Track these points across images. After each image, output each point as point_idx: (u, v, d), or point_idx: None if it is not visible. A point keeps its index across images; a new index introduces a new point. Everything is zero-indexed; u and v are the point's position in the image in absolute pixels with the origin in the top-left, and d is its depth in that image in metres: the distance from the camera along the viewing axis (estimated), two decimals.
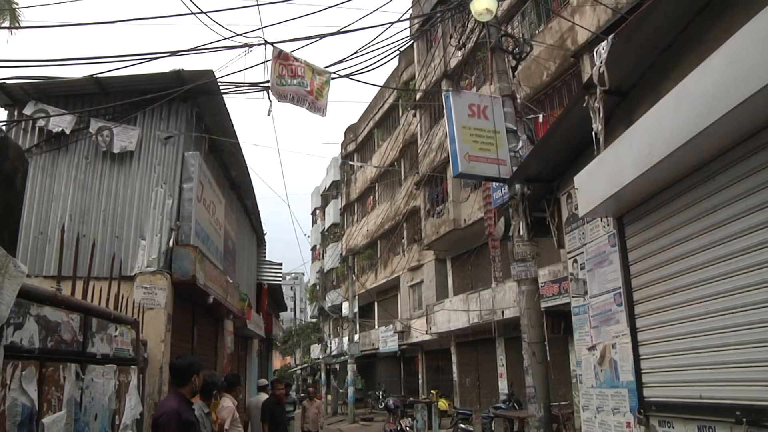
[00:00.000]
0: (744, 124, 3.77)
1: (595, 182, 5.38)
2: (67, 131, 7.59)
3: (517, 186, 7.94)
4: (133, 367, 4.66)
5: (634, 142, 4.63)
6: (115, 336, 4.23)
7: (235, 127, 9.30)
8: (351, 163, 36.89)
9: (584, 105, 5.72)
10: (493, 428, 13.12)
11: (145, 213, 7.47)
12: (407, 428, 13.84)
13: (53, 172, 7.57)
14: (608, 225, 6.07)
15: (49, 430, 3.07)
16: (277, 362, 52.23)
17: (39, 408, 3.01)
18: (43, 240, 7.30)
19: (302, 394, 46.84)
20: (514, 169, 8.13)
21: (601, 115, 5.66)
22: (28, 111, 7.58)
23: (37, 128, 7.64)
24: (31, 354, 2.99)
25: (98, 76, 7.47)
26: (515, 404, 14.86)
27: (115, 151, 7.61)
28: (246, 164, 10.88)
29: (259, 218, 14.63)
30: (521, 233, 7.98)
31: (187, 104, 8.11)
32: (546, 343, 7.79)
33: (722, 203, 4.30)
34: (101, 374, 3.90)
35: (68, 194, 7.51)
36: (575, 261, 6.91)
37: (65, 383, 3.33)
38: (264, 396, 10.73)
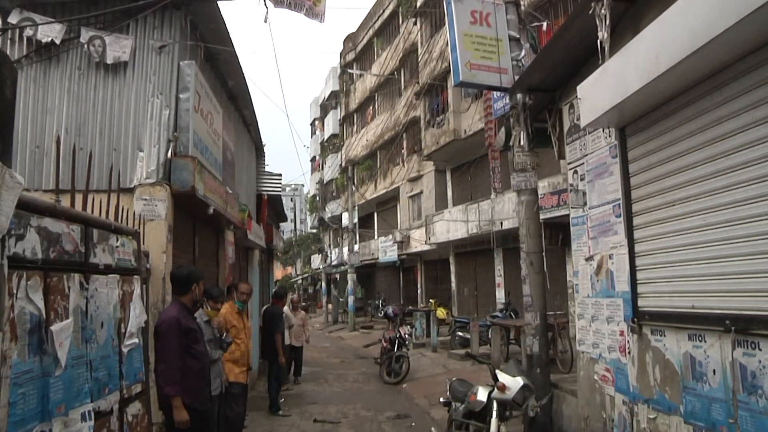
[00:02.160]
0: (756, 34, 3.65)
1: (599, 92, 5.29)
2: (57, 41, 7.38)
3: (519, 95, 7.82)
4: (135, 277, 4.73)
5: (641, 51, 4.51)
6: (117, 247, 4.27)
7: (231, 36, 9.05)
8: (351, 71, 36.21)
9: (590, 12, 5.55)
10: (489, 336, 13.50)
11: (141, 124, 7.37)
12: (406, 336, 14.22)
13: (45, 84, 7.42)
14: (610, 136, 6.02)
15: (58, 337, 3.14)
16: (279, 272, 53.22)
17: (47, 317, 3.08)
18: (39, 154, 7.24)
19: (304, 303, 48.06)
20: (516, 78, 7.98)
21: (607, 23, 5.50)
22: (13, 19, 7.33)
23: (25, 38, 7.42)
24: (35, 264, 3.02)
25: None
26: (512, 313, 15.23)
27: (109, 61, 7.43)
28: (243, 74, 10.66)
29: (258, 129, 14.49)
30: (522, 143, 7.93)
31: (181, 12, 7.85)
32: (543, 253, 7.89)
33: (727, 115, 4.23)
34: (105, 284, 3.96)
35: (62, 107, 7.38)
36: (575, 172, 6.90)
37: (70, 293, 3.39)
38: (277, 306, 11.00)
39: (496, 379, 5.90)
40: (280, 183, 16.37)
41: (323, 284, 42.52)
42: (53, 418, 3.09)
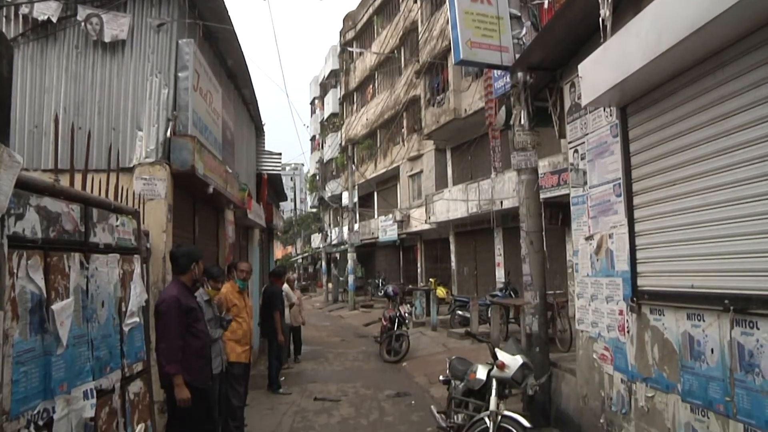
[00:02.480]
0: (759, 12, 3.62)
1: (600, 70, 5.26)
2: (54, 19, 7.31)
3: (520, 74, 7.78)
4: (136, 256, 4.73)
5: (643, 29, 4.47)
6: (117, 226, 4.27)
7: (229, 14, 8.97)
8: (350, 49, 35.97)
9: None
10: (489, 315, 13.55)
11: (140, 103, 7.33)
12: (406, 315, 14.29)
13: (43, 63, 7.36)
14: (611, 115, 5.99)
15: (59, 316, 3.15)
16: (279, 252, 53.34)
17: (47, 296, 3.09)
18: (38, 134, 7.21)
19: (304, 283, 48.19)
20: (517, 56, 7.93)
21: (610, 0, 5.46)
22: None
23: (21, 16, 7.35)
24: (35, 244, 3.02)
25: None
26: (511, 292, 15.28)
27: (106, 40, 7.36)
28: (242, 52, 10.58)
29: (258, 108, 14.43)
30: (522, 122, 7.90)
31: None
32: (543, 232, 7.90)
33: (730, 94, 4.21)
34: (105, 263, 3.96)
35: (60, 86, 7.33)
36: (576, 151, 6.88)
37: (70, 272, 3.39)
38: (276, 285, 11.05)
39: (495, 357, 5.93)
40: (280, 162, 16.34)
41: (323, 263, 42.60)
42: (56, 396, 3.12)
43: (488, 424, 5.53)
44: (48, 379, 3.06)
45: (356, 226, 31.86)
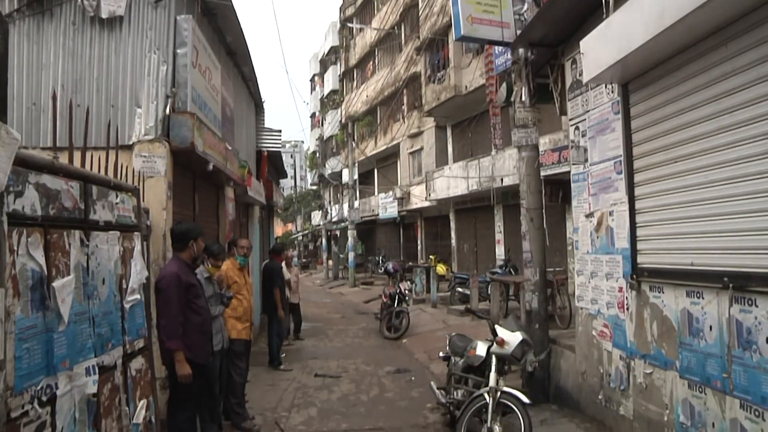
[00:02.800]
0: None
1: (602, 47, 5.22)
2: None
3: (521, 50, 7.72)
4: (136, 233, 4.73)
5: (645, 4, 4.43)
6: (117, 203, 4.26)
7: None
8: (351, 25, 35.67)
9: None
10: (489, 292, 13.59)
11: (139, 80, 7.27)
12: (406, 291, 14.34)
13: (39, 40, 7.29)
14: (612, 92, 5.96)
15: (60, 293, 3.16)
16: (279, 229, 53.39)
17: (48, 273, 3.09)
18: (36, 111, 7.16)
19: (304, 260, 48.33)
20: (518, 32, 7.86)
21: None
22: None
23: None
24: (35, 221, 3.02)
25: None
26: (511, 270, 15.31)
27: (104, 16, 7.27)
28: (241, 28, 10.48)
29: (257, 85, 14.33)
30: (523, 99, 7.85)
31: None
32: (544, 210, 7.89)
33: (733, 71, 4.18)
34: (105, 240, 3.96)
35: (58, 63, 7.26)
36: (577, 128, 6.86)
37: (71, 249, 3.40)
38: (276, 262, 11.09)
39: (495, 334, 5.96)
40: (279, 139, 16.27)
41: (323, 241, 42.67)
42: (58, 373, 3.14)
43: (487, 400, 5.58)
44: (50, 355, 3.08)
45: (356, 204, 31.86)
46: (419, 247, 29.07)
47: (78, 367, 3.37)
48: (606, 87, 6.07)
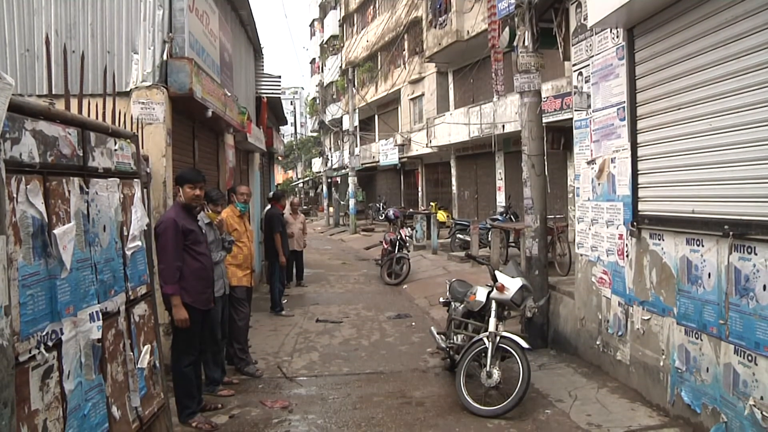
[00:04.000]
0: None
1: None
2: None
3: None
4: (136, 180, 4.70)
5: None
6: (115, 150, 4.22)
7: None
8: None
9: None
10: (489, 239, 13.65)
11: (135, 25, 7.13)
12: (407, 238, 14.41)
13: None
14: (617, 37, 5.85)
15: (61, 240, 3.16)
16: (280, 176, 53.28)
17: (49, 220, 3.09)
18: (30, 58, 7.03)
19: (305, 207, 48.45)
20: None
21: None
22: None
23: None
24: (33, 168, 3.00)
25: None
26: (512, 216, 15.34)
27: None
28: None
29: (256, 30, 14.07)
30: (526, 43, 7.72)
31: None
32: (545, 156, 7.85)
33: (742, 15, 4.09)
34: (105, 187, 3.94)
35: (50, 6, 7.09)
36: (580, 74, 6.76)
37: (70, 196, 3.38)
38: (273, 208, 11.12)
39: (495, 279, 6.01)
40: (279, 85, 16.09)
41: (324, 187, 42.64)
42: (63, 319, 3.17)
43: (487, 345, 5.66)
44: (54, 302, 3.11)
45: (357, 150, 31.71)
46: (420, 194, 29.08)
47: (82, 313, 3.40)
48: (611, 32, 5.96)
